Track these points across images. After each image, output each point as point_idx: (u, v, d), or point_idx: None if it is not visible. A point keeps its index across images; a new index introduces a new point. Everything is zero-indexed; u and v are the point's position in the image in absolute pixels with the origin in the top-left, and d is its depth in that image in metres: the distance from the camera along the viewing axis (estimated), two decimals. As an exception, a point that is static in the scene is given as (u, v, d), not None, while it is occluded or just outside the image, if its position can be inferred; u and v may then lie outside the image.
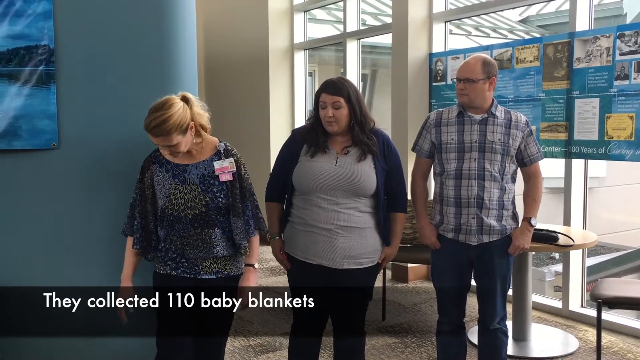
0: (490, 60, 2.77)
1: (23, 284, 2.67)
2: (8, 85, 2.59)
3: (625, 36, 3.70)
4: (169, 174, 2.46)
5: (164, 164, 2.48)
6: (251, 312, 4.37)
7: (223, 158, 2.49)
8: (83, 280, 2.75)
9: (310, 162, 2.55)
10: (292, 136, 2.70)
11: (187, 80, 3.05)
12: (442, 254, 2.84)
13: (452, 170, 2.75)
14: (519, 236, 2.77)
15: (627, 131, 3.71)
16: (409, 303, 4.58)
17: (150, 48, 2.83)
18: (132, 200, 2.52)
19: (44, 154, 2.67)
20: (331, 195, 2.50)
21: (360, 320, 2.67)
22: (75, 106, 2.69)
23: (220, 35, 7.42)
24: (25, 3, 2.58)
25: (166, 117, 2.33)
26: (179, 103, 2.39)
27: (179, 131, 2.35)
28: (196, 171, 2.46)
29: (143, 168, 2.50)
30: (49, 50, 2.62)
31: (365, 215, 2.55)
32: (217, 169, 2.46)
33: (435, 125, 2.81)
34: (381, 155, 2.58)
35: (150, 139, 2.38)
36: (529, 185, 2.83)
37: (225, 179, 2.46)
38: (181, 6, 2.95)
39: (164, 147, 2.38)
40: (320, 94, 2.53)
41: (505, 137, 2.73)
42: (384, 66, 8.14)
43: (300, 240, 2.59)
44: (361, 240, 2.54)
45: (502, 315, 2.86)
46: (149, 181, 2.47)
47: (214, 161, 2.48)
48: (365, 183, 2.51)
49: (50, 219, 2.70)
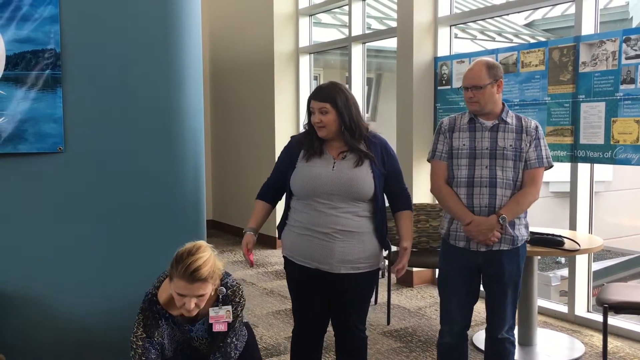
0: (494, 63, 2.75)
1: (28, 286, 2.68)
2: (15, 89, 2.60)
3: (631, 40, 3.69)
4: (175, 328, 2.38)
5: (168, 318, 2.36)
6: (256, 316, 4.37)
7: (220, 305, 2.37)
8: (87, 282, 2.76)
9: (307, 166, 2.55)
10: (289, 142, 2.71)
11: (192, 84, 3.06)
12: (452, 263, 2.80)
13: (464, 177, 2.72)
14: (484, 223, 2.65)
15: (633, 135, 3.70)
16: (414, 307, 4.57)
17: (156, 52, 2.84)
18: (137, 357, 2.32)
19: (50, 157, 2.68)
20: (329, 200, 2.51)
21: (359, 323, 2.66)
22: (81, 110, 2.70)
23: (225, 39, 7.44)
24: (32, 7, 2.60)
25: (203, 260, 2.21)
26: (207, 247, 2.28)
27: (213, 278, 2.25)
28: (203, 327, 2.41)
29: (150, 326, 2.32)
30: (55, 54, 2.63)
31: (364, 220, 2.55)
32: (211, 317, 2.35)
33: (449, 130, 2.78)
34: (379, 160, 2.57)
35: (177, 292, 2.19)
36: (521, 190, 2.71)
37: (218, 329, 2.36)
38: (186, 10, 2.96)
39: (192, 297, 2.20)
40: (310, 100, 2.56)
41: (517, 142, 2.69)
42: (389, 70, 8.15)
43: (298, 244, 2.59)
44: (359, 245, 2.54)
45: (510, 324, 2.81)
46: (159, 339, 2.33)
47: (210, 307, 2.37)
48: (362, 187, 2.51)
49: (55, 222, 2.71)
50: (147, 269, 2.59)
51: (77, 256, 2.74)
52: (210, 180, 7.79)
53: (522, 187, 2.71)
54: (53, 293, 2.71)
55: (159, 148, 2.90)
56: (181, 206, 3.01)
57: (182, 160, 3.00)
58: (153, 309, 2.32)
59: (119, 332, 2.75)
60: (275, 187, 2.69)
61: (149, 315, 2.31)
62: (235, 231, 7.13)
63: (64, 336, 2.74)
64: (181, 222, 2.96)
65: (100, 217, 2.77)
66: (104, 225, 2.78)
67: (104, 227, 2.78)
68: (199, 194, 3.16)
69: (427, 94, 5.01)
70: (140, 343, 2.29)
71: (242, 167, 7.20)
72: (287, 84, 6.69)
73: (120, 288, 2.76)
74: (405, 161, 4.95)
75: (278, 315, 4.39)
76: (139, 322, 2.32)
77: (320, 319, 2.67)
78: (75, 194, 2.72)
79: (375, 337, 3.91)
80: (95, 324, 2.77)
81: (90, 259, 2.76)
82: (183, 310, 2.24)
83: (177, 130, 2.97)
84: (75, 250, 2.74)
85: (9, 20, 2.58)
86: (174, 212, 2.97)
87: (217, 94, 7.69)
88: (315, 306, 2.64)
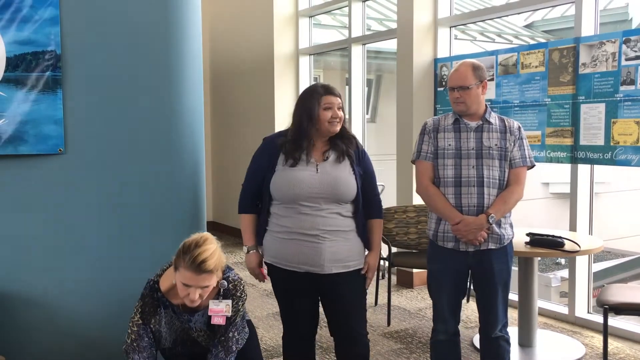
0: (479, 64, 2.78)
1: (28, 287, 2.68)
2: (15, 91, 2.60)
3: (631, 41, 3.69)
4: (175, 317, 2.39)
5: (168, 306, 2.37)
6: (256, 317, 4.37)
7: (220, 299, 2.38)
8: (88, 283, 2.76)
9: (290, 171, 2.51)
10: (264, 145, 2.65)
11: (192, 85, 3.06)
12: (441, 264, 2.81)
13: (451, 177, 2.73)
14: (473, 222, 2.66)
15: (633, 136, 3.70)
16: (414, 308, 4.57)
17: (156, 54, 2.85)
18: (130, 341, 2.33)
19: (50, 158, 2.68)
20: (314, 203, 2.49)
21: (360, 327, 2.61)
22: (81, 111, 2.70)
23: (225, 41, 7.44)
24: (32, 9, 2.60)
25: (210, 252, 2.22)
26: (213, 239, 2.29)
27: (219, 270, 2.27)
28: (202, 319, 2.42)
29: (147, 312, 2.32)
30: (56, 56, 2.63)
31: (347, 219, 2.56)
32: (211, 309, 2.35)
33: (434, 130, 2.80)
34: (356, 159, 2.59)
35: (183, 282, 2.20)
36: (506, 189, 2.74)
37: (217, 322, 2.36)
38: (187, 12, 2.97)
39: (197, 288, 2.21)
40: (322, 97, 2.53)
41: (502, 142, 2.73)
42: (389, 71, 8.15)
43: (283, 249, 2.54)
44: (346, 243, 2.54)
45: (503, 322, 2.83)
46: (155, 326, 2.35)
47: (210, 300, 2.37)
48: (346, 189, 2.52)
49: (56, 223, 2.71)
50: (148, 270, 2.59)
51: (78, 257, 2.74)
52: (211, 181, 7.79)
53: (507, 186, 2.75)
54: (53, 294, 2.71)
55: (159, 149, 2.90)
56: (181, 207, 3.01)
57: (182, 161, 3.00)
58: (154, 295, 2.34)
59: (120, 333, 2.75)
60: (255, 195, 2.63)
61: (149, 301, 2.33)
62: (235, 232, 7.13)
63: (65, 337, 2.74)
64: (181, 224, 2.96)
65: (101, 218, 2.77)
66: (104, 226, 2.77)
67: (104, 228, 2.78)
68: (199, 195, 3.16)
69: (427, 95, 5.02)
70: (135, 329, 2.32)
71: (242, 169, 7.17)
72: (287, 85, 6.69)
73: (121, 289, 2.76)
74: (405, 162, 4.96)
75: (278, 317, 4.37)
76: (137, 308, 2.34)
77: (311, 322, 2.65)
78: (75, 196, 2.72)
79: (375, 339, 3.91)
80: (96, 325, 2.77)
81: (91, 260, 2.76)
82: (186, 300, 2.24)
83: (178, 132, 2.97)
84: (75, 251, 2.74)
85: (9, 22, 2.58)
86: (175, 214, 2.97)
87: (217, 95, 7.69)
88: (305, 310, 2.61)
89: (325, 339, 2.80)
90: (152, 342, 2.34)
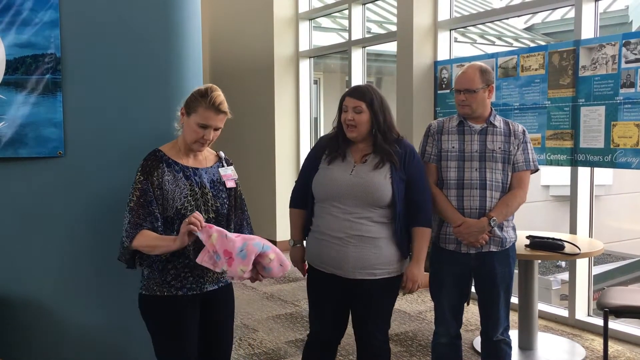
0: (487, 68, 2.77)
1: (28, 290, 2.68)
2: (15, 94, 2.60)
3: (631, 44, 3.69)
4: (179, 174, 2.36)
5: (171, 164, 2.37)
6: (256, 320, 4.36)
7: (225, 165, 2.52)
8: (87, 286, 2.76)
9: (327, 169, 2.53)
10: (317, 143, 2.69)
11: (192, 88, 3.05)
12: (443, 267, 2.81)
13: (454, 179, 2.73)
14: (475, 225, 2.67)
15: (633, 139, 3.70)
16: (414, 311, 4.56)
17: (156, 56, 2.85)
18: (133, 203, 2.27)
19: (50, 161, 2.68)
20: (344, 204, 2.47)
21: (378, 332, 2.57)
22: (81, 114, 2.70)
23: (225, 43, 7.45)
24: (32, 12, 2.60)
25: (223, 96, 2.38)
26: None
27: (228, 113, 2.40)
28: (206, 176, 2.43)
29: (149, 167, 2.31)
30: (56, 59, 2.63)
31: (378, 226, 2.48)
32: (222, 175, 2.47)
33: (438, 132, 2.80)
34: (401, 165, 2.50)
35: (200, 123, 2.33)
36: (509, 192, 2.74)
37: (231, 185, 2.47)
38: (186, 14, 2.97)
39: (212, 129, 2.35)
40: (344, 98, 2.52)
41: (505, 145, 2.72)
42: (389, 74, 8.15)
43: (315, 249, 2.57)
44: (375, 250, 2.47)
45: (505, 325, 2.83)
46: (158, 180, 2.31)
47: (218, 168, 2.48)
48: (378, 193, 2.45)
49: (56, 227, 2.71)
50: (147, 274, 2.59)
51: (77, 260, 2.74)
52: (211, 184, 7.78)
53: (510, 189, 2.75)
54: (52, 297, 2.71)
55: (159, 152, 2.89)
56: (181, 210, 3.00)
57: (182, 164, 2.99)
58: (156, 154, 2.37)
59: (119, 335, 2.75)
60: (304, 191, 2.62)
61: (150, 158, 2.36)
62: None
63: (64, 339, 2.73)
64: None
65: (100, 221, 2.76)
66: (104, 229, 2.77)
67: (104, 231, 2.77)
68: (199, 198, 3.15)
69: (427, 98, 5.02)
70: (138, 186, 2.30)
71: (241, 171, 7.17)
72: (287, 87, 6.70)
73: (120, 292, 2.75)
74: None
75: (278, 320, 4.39)
76: (138, 171, 2.33)
77: (334, 326, 2.61)
78: (75, 198, 2.72)
79: (375, 342, 3.90)
80: (95, 328, 2.76)
81: (90, 263, 2.76)
82: (198, 143, 2.34)
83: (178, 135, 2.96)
84: (74, 254, 2.73)
85: (9, 25, 2.58)
86: (174, 216, 2.96)
87: (217, 98, 7.69)
88: (328, 312, 2.59)
89: (350, 346, 2.77)
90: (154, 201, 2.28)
